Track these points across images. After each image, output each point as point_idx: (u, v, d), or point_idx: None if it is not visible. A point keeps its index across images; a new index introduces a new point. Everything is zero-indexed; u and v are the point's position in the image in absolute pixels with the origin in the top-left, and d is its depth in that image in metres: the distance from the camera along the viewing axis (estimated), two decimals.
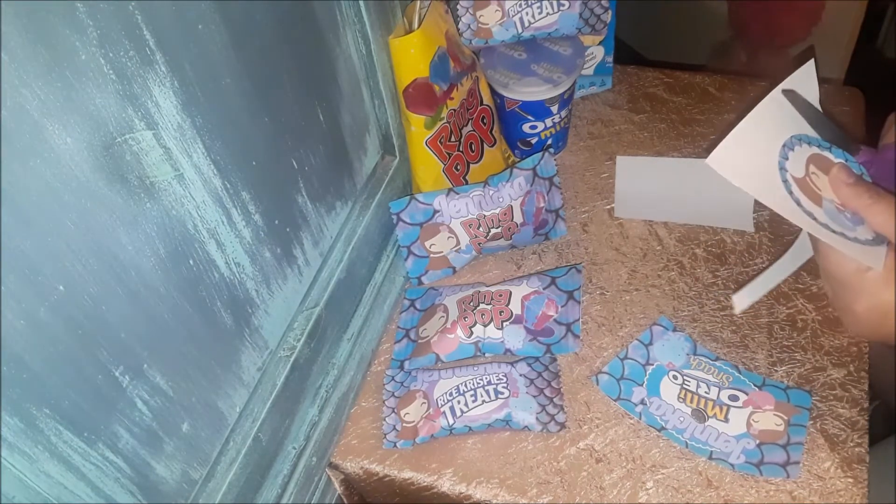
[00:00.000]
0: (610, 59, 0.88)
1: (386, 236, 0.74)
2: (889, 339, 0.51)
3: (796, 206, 0.48)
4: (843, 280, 0.50)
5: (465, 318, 0.68)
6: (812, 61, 0.51)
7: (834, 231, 0.48)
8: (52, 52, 0.33)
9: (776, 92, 0.50)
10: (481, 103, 0.77)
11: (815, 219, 0.48)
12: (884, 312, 0.49)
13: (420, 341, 0.70)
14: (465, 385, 0.65)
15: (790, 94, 0.50)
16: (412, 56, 0.65)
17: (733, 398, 0.63)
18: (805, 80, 0.51)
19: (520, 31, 0.77)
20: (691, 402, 0.63)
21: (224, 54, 0.45)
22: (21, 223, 0.33)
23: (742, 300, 0.59)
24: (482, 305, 0.69)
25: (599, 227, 0.78)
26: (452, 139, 0.73)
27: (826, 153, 0.50)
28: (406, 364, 0.69)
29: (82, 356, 0.38)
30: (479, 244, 0.74)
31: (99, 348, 0.39)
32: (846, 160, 0.50)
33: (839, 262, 0.50)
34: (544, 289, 0.70)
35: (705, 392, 0.63)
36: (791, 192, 0.48)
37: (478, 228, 0.73)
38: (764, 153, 0.49)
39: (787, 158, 0.49)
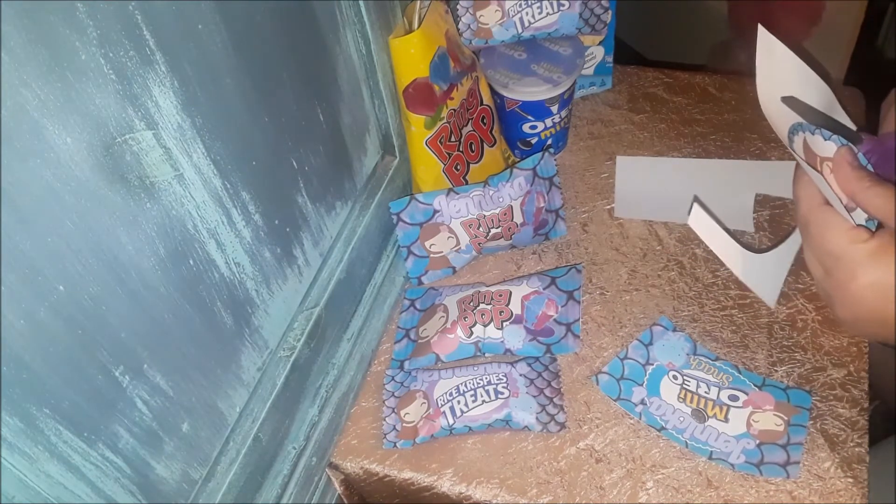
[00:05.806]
0: (610, 59, 0.88)
1: (386, 236, 0.74)
2: (886, 328, 0.45)
3: (801, 159, 0.47)
4: (839, 253, 0.45)
5: (465, 318, 0.68)
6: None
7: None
8: (52, 52, 0.33)
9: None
10: (481, 103, 0.77)
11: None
12: (883, 292, 0.43)
13: (420, 341, 0.70)
14: (465, 385, 0.65)
15: (790, 101, 0.49)
16: (412, 56, 0.65)
17: (733, 398, 0.63)
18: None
19: (520, 31, 0.77)
20: (691, 402, 0.63)
21: (224, 54, 0.45)
22: (21, 223, 0.33)
23: (703, 222, 0.56)
24: (482, 305, 0.69)
25: (599, 227, 0.78)
26: (452, 139, 0.73)
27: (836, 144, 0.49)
28: (406, 364, 0.69)
29: (82, 356, 0.38)
30: (479, 244, 0.74)
31: (99, 348, 0.39)
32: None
33: (833, 234, 0.45)
34: (544, 289, 0.70)
35: (705, 392, 0.63)
36: (793, 147, 0.48)
37: (478, 228, 0.73)
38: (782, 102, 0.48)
39: (795, 135, 0.48)
